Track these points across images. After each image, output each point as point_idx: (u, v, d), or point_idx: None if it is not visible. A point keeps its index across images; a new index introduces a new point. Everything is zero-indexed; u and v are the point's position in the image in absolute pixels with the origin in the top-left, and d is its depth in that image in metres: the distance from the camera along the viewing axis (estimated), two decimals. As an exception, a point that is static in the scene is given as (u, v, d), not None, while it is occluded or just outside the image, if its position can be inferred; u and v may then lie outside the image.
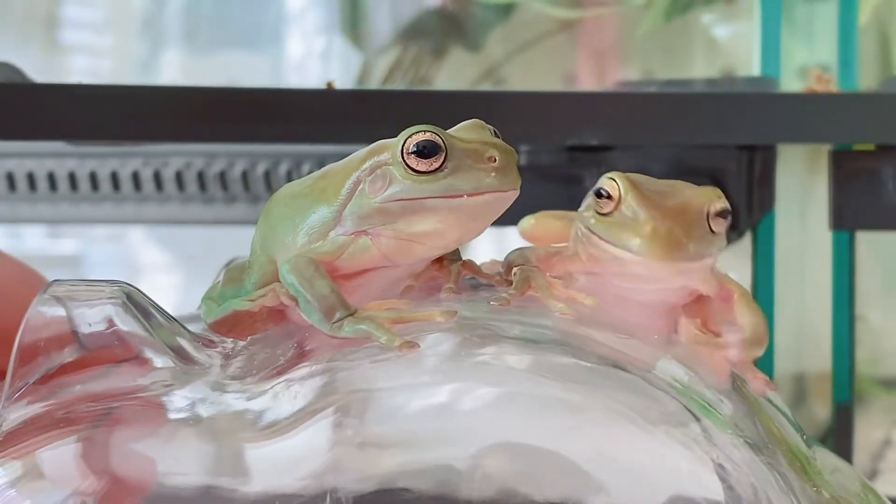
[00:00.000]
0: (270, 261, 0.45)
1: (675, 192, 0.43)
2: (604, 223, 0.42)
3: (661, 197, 0.42)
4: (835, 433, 0.71)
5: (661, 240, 0.41)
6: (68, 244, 1.09)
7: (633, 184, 0.42)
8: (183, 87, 0.64)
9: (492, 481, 0.38)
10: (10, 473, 0.39)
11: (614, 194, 0.42)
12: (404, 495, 0.38)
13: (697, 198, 0.42)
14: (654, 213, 0.41)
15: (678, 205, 0.42)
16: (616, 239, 0.42)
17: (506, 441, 0.39)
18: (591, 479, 0.38)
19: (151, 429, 0.40)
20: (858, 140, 0.64)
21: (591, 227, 0.43)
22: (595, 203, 0.43)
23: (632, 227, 0.41)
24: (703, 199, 0.42)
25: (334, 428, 0.39)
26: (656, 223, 0.41)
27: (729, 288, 0.44)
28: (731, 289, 0.44)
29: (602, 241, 0.42)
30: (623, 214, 0.42)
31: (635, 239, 0.41)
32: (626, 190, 0.42)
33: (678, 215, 0.42)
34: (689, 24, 0.92)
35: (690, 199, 0.42)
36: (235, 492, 0.38)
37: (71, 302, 0.42)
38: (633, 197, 0.42)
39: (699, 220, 0.42)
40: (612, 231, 0.42)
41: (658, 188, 0.43)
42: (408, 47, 0.97)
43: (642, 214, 0.41)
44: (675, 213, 0.42)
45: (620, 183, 0.42)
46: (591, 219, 0.43)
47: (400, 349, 0.40)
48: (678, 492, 0.38)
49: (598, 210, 0.43)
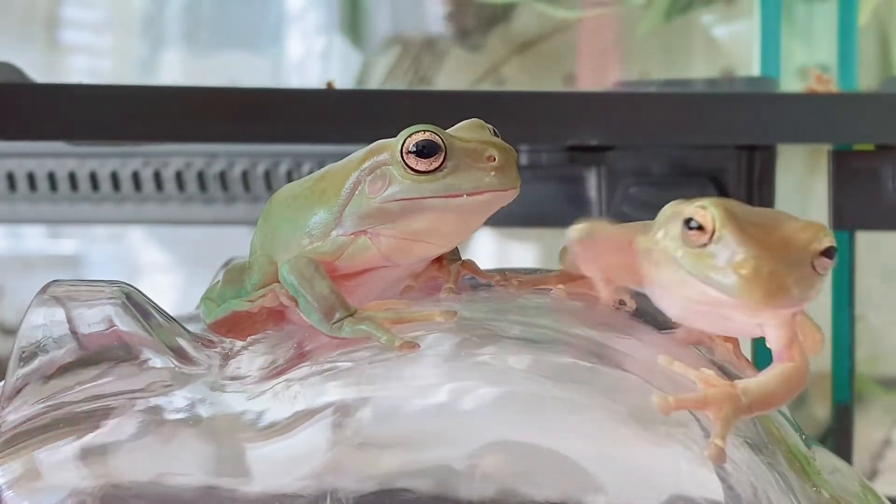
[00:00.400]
0: (270, 261, 0.45)
1: (776, 225, 0.38)
2: (694, 257, 0.38)
3: (762, 231, 0.38)
4: (834, 433, 0.71)
5: (762, 282, 0.36)
6: (68, 244, 1.09)
7: (730, 215, 0.38)
8: (183, 87, 0.64)
9: (491, 481, 0.38)
10: (9, 474, 0.39)
11: (707, 225, 0.38)
12: (404, 495, 0.38)
13: (801, 233, 0.38)
14: (754, 252, 0.37)
15: (780, 241, 0.37)
16: (709, 278, 0.37)
17: (505, 441, 0.39)
18: (591, 479, 0.38)
19: (151, 429, 0.40)
20: (858, 140, 0.64)
21: (679, 259, 0.38)
22: (685, 233, 0.38)
23: (728, 264, 0.37)
24: (808, 236, 0.38)
25: (334, 428, 0.39)
26: (758, 262, 0.37)
27: (793, 356, 0.39)
28: (793, 357, 0.39)
29: (693, 276, 0.38)
30: (717, 249, 0.37)
31: (733, 278, 0.37)
32: (723, 223, 0.37)
33: (780, 254, 0.37)
34: (688, 24, 0.92)
35: (793, 235, 0.38)
36: (235, 492, 0.38)
37: (70, 302, 0.42)
38: (730, 231, 0.37)
39: (803, 260, 0.37)
40: (704, 267, 0.38)
41: (756, 220, 0.38)
42: (408, 47, 0.97)
43: (741, 252, 0.37)
44: (777, 250, 0.37)
45: (716, 213, 0.38)
46: (678, 250, 0.38)
47: (400, 349, 0.40)
48: (678, 492, 0.38)
49: (687, 243, 0.38)
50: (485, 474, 0.38)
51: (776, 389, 0.39)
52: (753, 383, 0.39)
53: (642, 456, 0.39)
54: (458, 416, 0.39)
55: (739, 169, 0.64)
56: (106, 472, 0.39)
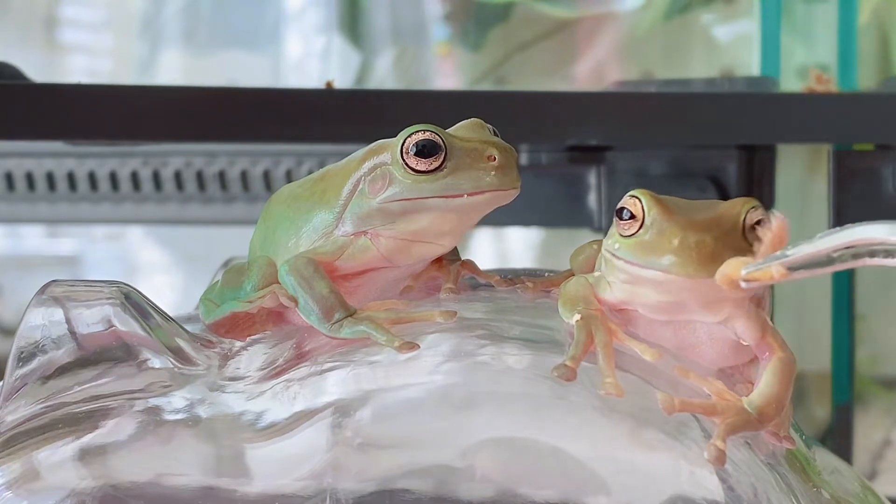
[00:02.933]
0: (270, 262, 0.45)
1: (707, 206, 0.39)
2: (628, 245, 0.39)
3: (690, 210, 0.38)
4: (834, 433, 0.71)
5: (691, 252, 0.37)
6: (67, 244, 1.09)
7: (656, 199, 0.38)
8: (182, 87, 0.64)
9: (491, 481, 0.38)
10: (8, 474, 0.39)
11: (637, 213, 0.38)
12: (404, 495, 0.38)
13: (731, 209, 0.38)
14: (681, 225, 0.38)
15: (709, 217, 0.38)
16: (642, 259, 0.38)
17: (505, 441, 0.39)
18: (591, 479, 0.38)
19: (150, 430, 0.40)
20: (858, 140, 0.64)
21: (615, 251, 0.39)
22: (617, 225, 0.39)
23: (658, 243, 0.38)
24: (737, 211, 0.38)
25: (333, 428, 0.39)
26: (685, 234, 0.37)
27: (770, 344, 0.40)
28: (772, 346, 0.40)
29: (628, 264, 0.39)
30: (648, 232, 0.38)
31: (663, 255, 0.37)
32: (650, 206, 0.38)
33: (709, 227, 0.38)
34: (688, 24, 0.92)
35: (723, 211, 0.38)
36: (234, 493, 0.38)
37: (69, 302, 0.42)
38: (657, 212, 0.38)
39: (733, 232, 0.38)
40: (637, 252, 0.38)
41: (687, 205, 0.39)
42: (407, 47, 0.97)
43: (668, 228, 0.38)
44: (705, 225, 0.38)
45: (643, 200, 0.38)
46: (615, 243, 0.39)
47: (400, 349, 0.40)
48: (678, 492, 0.38)
49: (621, 233, 0.39)
50: (484, 474, 0.38)
51: (776, 388, 0.39)
52: (755, 393, 0.39)
53: (642, 456, 0.39)
54: (458, 416, 0.39)
55: (739, 169, 0.64)
56: (105, 472, 0.39)
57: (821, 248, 0.35)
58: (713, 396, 0.39)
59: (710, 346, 0.41)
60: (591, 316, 0.40)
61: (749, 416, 0.38)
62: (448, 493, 0.38)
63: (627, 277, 0.39)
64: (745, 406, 0.38)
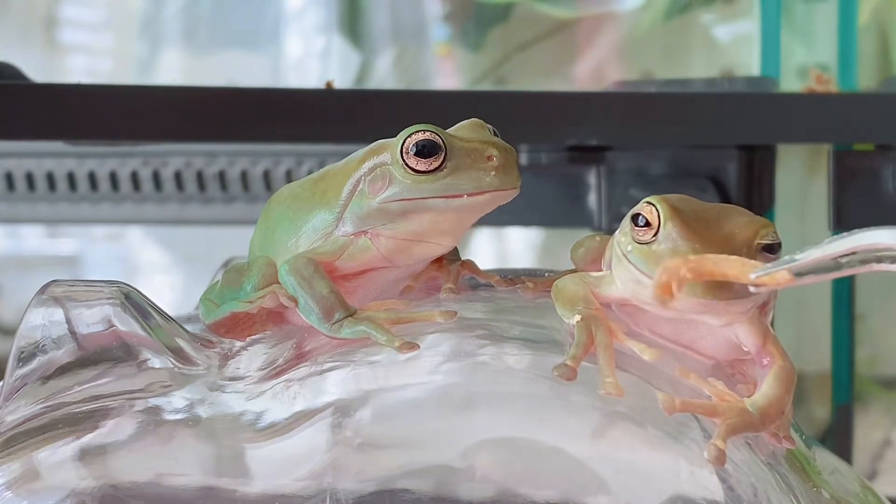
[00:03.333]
0: (270, 262, 0.45)
1: (722, 220, 0.39)
2: (641, 252, 0.39)
3: (705, 226, 0.38)
4: (834, 433, 0.71)
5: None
6: (67, 244, 1.09)
7: (673, 210, 0.38)
8: (182, 87, 0.64)
9: (491, 481, 0.38)
10: (8, 474, 0.39)
11: (653, 221, 0.38)
12: (404, 495, 0.38)
13: (745, 229, 0.38)
14: (694, 245, 0.38)
15: (722, 236, 0.38)
16: (653, 271, 0.38)
17: (505, 441, 0.39)
18: (591, 479, 0.38)
19: (150, 430, 0.40)
20: (858, 140, 0.64)
21: (627, 253, 0.39)
22: (632, 229, 0.39)
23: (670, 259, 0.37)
24: (751, 231, 0.38)
25: (333, 428, 0.39)
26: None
27: (770, 352, 0.40)
28: (773, 354, 0.40)
29: (638, 271, 0.39)
30: (662, 245, 0.38)
31: None
32: (666, 217, 0.38)
33: (721, 248, 0.37)
34: (688, 24, 0.92)
35: (737, 230, 0.38)
36: (234, 493, 0.38)
37: (69, 302, 0.42)
38: (672, 225, 0.38)
39: (745, 255, 0.38)
40: (649, 262, 0.38)
41: (703, 215, 0.39)
42: (407, 47, 0.97)
43: (682, 246, 0.38)
44: (718, 244, 0.38)
45: (660, 209, 0.38)
46: (628, 244, 0.39)
47: (400, 349, 0.40)
48: (678, 492, 0.38)
49: (635, 237, 0.39)
50: (484, 475, 0.38)
51: (778, 392, 0.39)
52: (757, 395, 0.39)
53: (642, 456, 0.39)
54: (458, 416, 0.39)
55: (739, 169, 0.64)
56: (105, 472, 0.39)
57: (828, 254, 0.35)
58: (714, 398, 0.39)
59: (710, 339, 0.41)
60: (592, 316, 0.40)
61: (750, 418, 0.38)
62: (448, 494, 0.38)
63: (635, 280, 0.39)
64: (748, 407, 0.39)
